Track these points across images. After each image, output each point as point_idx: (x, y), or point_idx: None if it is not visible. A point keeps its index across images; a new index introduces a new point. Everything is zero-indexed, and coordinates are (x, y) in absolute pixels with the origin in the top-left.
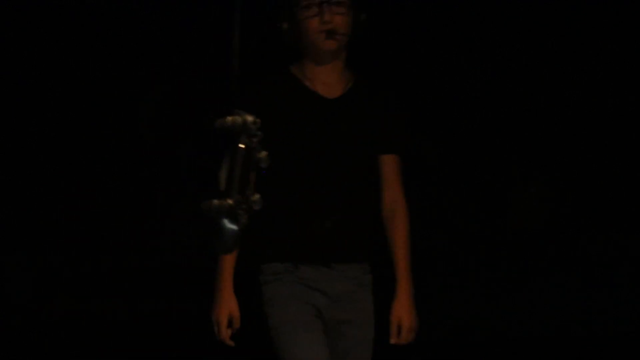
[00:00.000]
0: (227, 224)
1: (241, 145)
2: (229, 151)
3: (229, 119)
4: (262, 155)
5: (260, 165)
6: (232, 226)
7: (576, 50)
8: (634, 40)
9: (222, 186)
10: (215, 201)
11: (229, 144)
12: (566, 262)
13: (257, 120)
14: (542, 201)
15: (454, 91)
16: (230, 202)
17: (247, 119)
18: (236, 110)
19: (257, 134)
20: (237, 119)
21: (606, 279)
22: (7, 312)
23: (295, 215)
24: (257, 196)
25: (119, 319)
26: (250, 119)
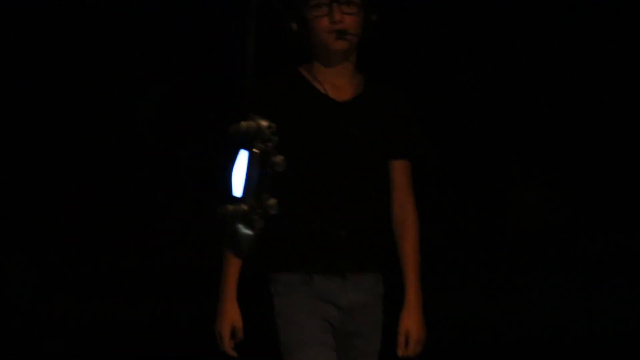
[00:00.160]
0: (242, 229)
1: (255, 150)
2: (243, 156)
3: (243, 124)
4: (278, 159)
5: (276, 169)
6: (247, 231)
7: (576, 50)
8: (634, 40)
9: (236, 191)
10: (230, 206)
11: (243, 149)
12: (566, 262)
13: (272, 125)
14: (542, 201)
15: (454, 91)
16: (244, 207)
17: (261, 123)
18: (250, 115)
19: (272, 138)
20: (251, 124)
21: (606, 279)
22: (6, 312)
23: (307, 223)
24: (274, 201)
25: (118, 320)
26: (264, 123)
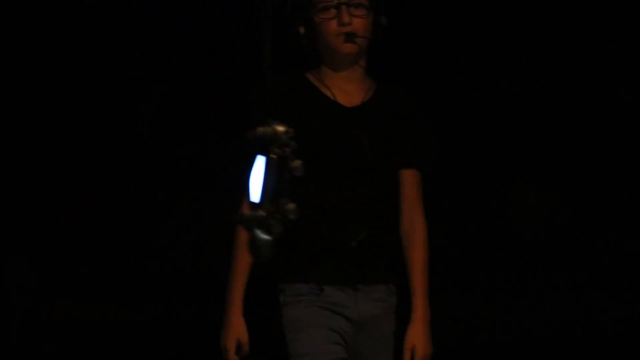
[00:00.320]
0: (260, 234)
1: (272, 155)
2: (260, 162)
3: (260, 130)
4: (296, 164)
5: (294, 174)
6: (265, 236)
7: (576, 50)
8: (634, 40)
9: (254, 197)
10: (247, 212)
11: (260, 155)
12: (566, 263)
13: (290, 130)
14: (542, 201)
15: (454, 91)
16: (262, 212)
17: (277, 129)
18: (267, 120)
19: (290, 143)
20: (268, 129)
21: (606, 279)
22: (6, 314)
23: (316, 232)
24: (292, 205)
25: (118, 321)
26: (281, 128)
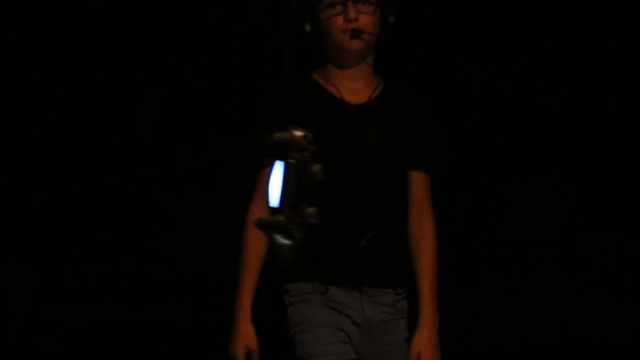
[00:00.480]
0: (280, 239)
1: (291, 160)
2: (279, 167)
3: (278, 135)
4: (316, 168)
5: (315, 178)
6: (285, 241)
7: (576, 50)
8: (634, 40)
9: (273, 202)
10: (267, 217)
11: (279, 160)
12: (566, 263)
13: (308, 134)
14: (542, 202)
15: (453, 91)
16: (282, 218)
17: (295, 134)
18: (286, 125)
19: (309, 147)
20: (286, 135)
21: (606, 279)
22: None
23: (324, 232)
24: (313, 210)
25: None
26: (298, 133)
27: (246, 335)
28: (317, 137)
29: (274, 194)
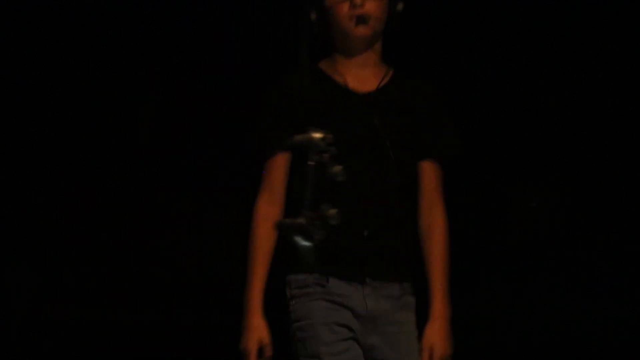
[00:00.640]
0: (300, 241)
1: (310, 162)
2: (298, 169)
3: (298, 137)
4: (337, 169)
5: (336, 179)
6: (306, 243)
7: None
8: (634, 40)
9: (294, 204)
10: (287, 220)
11: (298, 163)
12: (566, 263)
13: (327, 136)
14: (543, 202)
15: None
16: (302, 220)
17: (314, 136)
18: (306, 128)
19: (329, 149)
20: (305, 137)
21: (606, 279)
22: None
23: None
24: (334, 211)
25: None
26: (317, 135)
27: (258, 329)
28: (321, 126)
29: (295, 196)
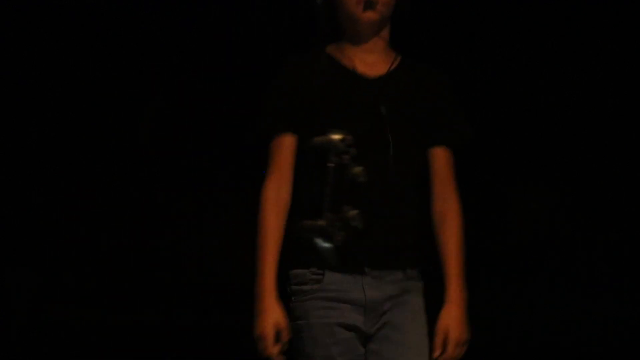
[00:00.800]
0: (321, 243)
1: (330, 164)
2: (317, 171)
3: (317, 140)
4: (357, 170)
5: (357, 180)
6: (326, 245)
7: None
8: (634, 40)
9: (313, 206)
10: (307, 222)
11: (317, 165)
12: (566, 263)
13: (347, 137)
14: (543, 202)
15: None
16: (322, 222)
17: (333, 138)
18: (326, 129)
19: (349, 150)
20: (324, 139)
21: (606, 279)
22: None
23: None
24: (355, 212)
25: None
26: (336, 137)
27: (273, 311)
28: (327, 110)
29: (315, 198)
